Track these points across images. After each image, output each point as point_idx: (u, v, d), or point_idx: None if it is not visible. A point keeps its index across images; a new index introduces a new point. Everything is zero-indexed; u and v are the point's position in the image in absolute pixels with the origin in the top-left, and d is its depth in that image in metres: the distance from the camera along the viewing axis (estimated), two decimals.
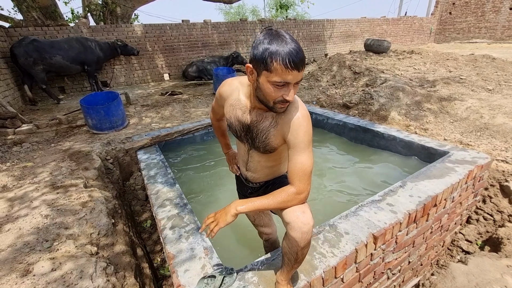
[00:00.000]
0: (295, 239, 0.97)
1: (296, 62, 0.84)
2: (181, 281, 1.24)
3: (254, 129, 1.11)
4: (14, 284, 1.47)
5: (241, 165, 1.36)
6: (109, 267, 1.71)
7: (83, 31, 6.38)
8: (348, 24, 11.83)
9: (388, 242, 1.58)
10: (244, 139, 1.20)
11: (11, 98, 4.78)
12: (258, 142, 1.12)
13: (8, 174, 2.75)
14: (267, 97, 0.94)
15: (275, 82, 0.88)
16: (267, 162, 1.23)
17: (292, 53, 0.83)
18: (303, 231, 0.95)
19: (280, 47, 0.84)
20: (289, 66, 0.84)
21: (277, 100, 0.93)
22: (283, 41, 0.85)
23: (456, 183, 1.94)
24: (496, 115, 3.25)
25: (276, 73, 0.86)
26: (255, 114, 1.08)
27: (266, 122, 1.07)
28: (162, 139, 3.00)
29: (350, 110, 4.23)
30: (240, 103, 1.12)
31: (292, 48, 0.84)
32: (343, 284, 1.41)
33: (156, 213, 1.79)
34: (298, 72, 0.86)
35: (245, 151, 1.26)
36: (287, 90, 0.90)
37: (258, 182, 1.34)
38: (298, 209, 0.98)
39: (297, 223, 0.95)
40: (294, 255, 1.02)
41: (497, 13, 13.69)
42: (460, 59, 5.90)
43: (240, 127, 1.16)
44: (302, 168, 0.98)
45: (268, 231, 1.67)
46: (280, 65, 0.84)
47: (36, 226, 1.94)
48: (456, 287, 1.45)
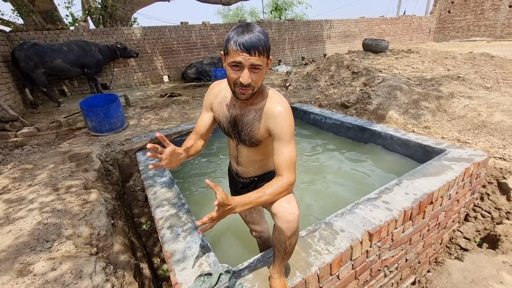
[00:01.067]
0: (281, 229, 1.01)
1: (245, 45, 0.93)
2: (178, 279, 1.26)
3: (239, 123, 1.17)
4: (15, 283, 1.49)
5: (232, 160, 1.41)
6: (108, 266, 1.73)
7: (83, 34, 6.43)
8: (346, 24, 11.85)
9: (384, 239, 1.59)
10: (232, 134, 1.25)
11: (12, 102, 4.82)
12: (244, 135, 1.18)
13: (9, 176, 2.77)
14: (229, 80, 1.03)
15: (230, 64, 0.98)
16: (255, 156, 1.27)
17: (245, 38, 0.93)
18: (289, 219, 0.98)
19: (237, 34, 0.95)
20: (238, 48, 0.93)
21: (235, 82, 1.00)
22: (244, 30, 0.95)
23: (452, 180, 1.95)
24: (494, 112, 3.25)
25: (230, 55, 0.97)
26: (239, 108, 1.16)
27: (250, 116, 1.13)
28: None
29: (348, 109, 4.25)
30: (226, 99, 1.20)
31: (248, 35, 0.94)
32: (339, 281, 1.42)
33: (154, 213, 1.81)
34: (249, 56, 0.94)
35: (234, 146, 1.31)
36: (242, 73, 0.97)
37: (248, 177, 1.38)
38: (284, 199, 1.02)
39: (283, 213, 0.99)
40: (282, 245, 1.06)
41: (497, 11, 13.69)
42: (459, 58, 5.91)
43: (228, 123, 1.21)
44: (289, 158, 1.04)
45: (259, 229, 1.68)
46: (231, 47, 0.95)
47: (37, 226, 1.96)
48: (451, 283, 1.45)
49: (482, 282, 1.42)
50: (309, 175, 2.89)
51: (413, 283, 1.85)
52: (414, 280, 1.86)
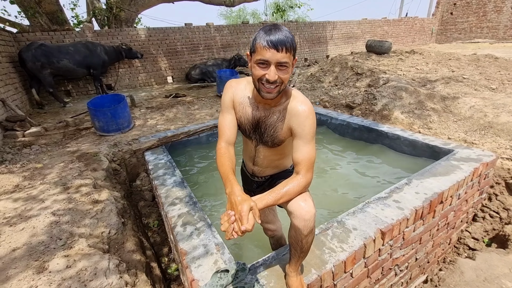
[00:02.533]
0: (298, 227, 1.02)
1: (273, 41, 0.94)
2: (195, 276, 1.28)
3: (262, 125, 1.17)
4: (31, 280, 1.51)
5: (248, 160, 1.41)
6: (122, 264, 1.75)
7: (89, 35, 6.48)
8: (349, 26, 11.88)
9: (396, 238, 1.60)
10: (253, 135, 1.25)
11: (19, 102, 4.86)
12: (267, 136, 1.18)
13: (19, 175, 2.80)
14: (254, 78, 1.03)
15: (257, 61, 0.99)
16: (273, 155, 1.29)
17: (273, 35, 0.95)
18: (305, 218, 1.00)
19: (265, 32, 0.97)
20: (266, 44, 0.94)
21: (261, 79, 1.01)
22: (272, 29, 0.97)
23: (462, 180, 1.96)
24: (500, 113, 3.26)
25: (257, 52, 0.98)
26: (263, 109, 1.15)
27: (273, 117, 1.14)
28: (169, 140, 3.05)
29: (353, 110, 4.26)
30: (247, 100, 1.18)
31: (276, 33, 0.95)
32: (352, 279, 1.44)
33: (166, 211, 1.82)
34: (276, 52, 0.95)
35: (252, 147, 1.31)
36: (268, 70, 0.98)
37: (264, 176, 1.40)
38: (300, 198, 1.04)
39: (299, 211, 1.01)
40: (299, 243, 1.07)
41: (499, 12, 13.69)
42: (463, 59, 5.92)
43: (250, 125, 1.21)
44: (308, 157, 1.05)
45: (273, 228, 1.70)
46: (259, 44, 0.97)
47: (49, 225, 1.98)
48: (464, 281, 1.46)
49: (495, 281, 1.43)
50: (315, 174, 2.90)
51: (425, 282, 1.86)
52: (426, 278, 1.87)
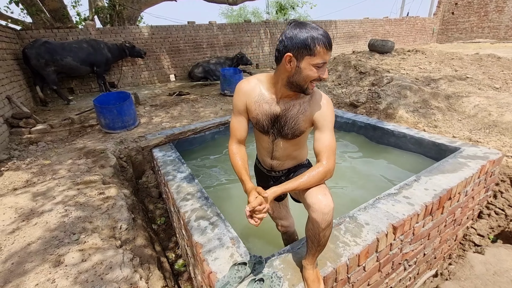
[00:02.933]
0: (316, 221, 1.04)
1: (330, 43, 1.00)
2: (212, 268, 1.30)
3: (282, 118, 1.19)
4: (48, 273, 1.54)
5: (265, 156, 1.41)
6: (135, 259, 1.77)
7: (92, 33, 6.48)
8: (350, 25, 11.90)
9: (406, 233, 1.63)
10: (271, 130, 1.26)
11: (23, 99, 4.87)
12: (287, 129, 1.21)
13: (28, 171, 2.82)
14: (306, 79, 1.04)
15: (317, 64, 1.00)
16: (291, 147, 1.31)
17: (328, 37, 0.99)
18: (324, 212, 1.02)
19: (317, 33, 0.97)
20: (328, 47, 0.99)
21: (313, 79, 1.04)
22: (316, 28, 0.99)
23: (470, 177, 1.99)
24: (505, 112, 3.29)
25: (319, 55, 0.99)
26: (283, 104, 1.18)
27: (294, 110, 1.17)
28: (176, 137, 3.07)
29: (357, 109, 4.28)
30: (264, 97, 1.19)
31: (325, 33, 0.99)
32: (365, 273, 1.47)
33: (179, 206, 1.85)
34: (330, 52, 1.01)
35: (270, 142, 1.32)
36: (323, 70, 1.03)
37: (282, 170, 1.41)
38: (319, 191, 1.06)
39: (318, 205, 1.03)
40: (317, 237, 1.09)
41: (501, 12, 13.71)
42: (465, 59, 5.94)
43: (268, 120, 1.22)
44: (330, 145, 1.09)
45: (286, 224, 1.73)
46: (322, 48, 0.98)
47: (62, 220, 2.01)
48: (475, 275, 1.50)
49: (505, 274, 1.46)
50: None
51: (435, 275, 1.89)
52: (436, 272, 1.90)
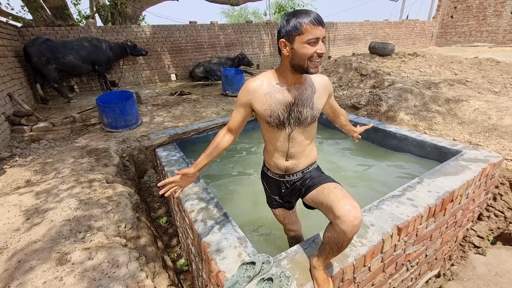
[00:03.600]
0: (344, 232, 1.02)
1: (318, 19, 1.07)
2: (221, 268, 1.32)
3: (299, 103, 1.24)
4: (56, 271, 1.54)
5: (280, 158, 1.37)
6: (141, 257, 1.79)
7: (93, 31, 6.47)
8: (351, 27, 11.96)
9: (410, 234, 1.65)
10: (287, 121, 1.26)
11: (24, 97, 4.85)
12: (306, 112, 1.25)
13: (31, 169, 2.82)
14: (303, 57, 1.11)
15: (308, 40, 1.07)
16: (306, 139, 1.35)
17: (314, 14, 1.08)
18: (354, 224, 1.01)
19: (304, 15, 1.08)
20: (315, 22, 1.06)
21: (312, 56, 1.10)
22: (305, 11, 1.09)
23: (471, 180, 2.02)
24: (504, 116, 3.34)
25: (307, 32, 1.06)
26: (295, 90, 1.24)
27: (308, 92, 1.26)
28: (180, 137, 3.08)
29: (359, 110, 4.32)
30: (275, 88, 1.23)
31: (312, 13, 1.08)
32: (370, 273, 1.49)
33: (185, 206, 1.86)
34: (322, 28, 1.08)
35: (285, 138, 1.30)
36: (318, 45, 1.09)
37: (296, 173, 1.39)
38: (349, 202, 1.04)
39: (348, 217, 1.01)
40: (339, 244, 1.08)
41: (499, 17, 13.85)
42: (465, 62, 6.00)
43: (283, 109, 1.23)
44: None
45: (295, 228, 1.73)
46: (309, 25, 1.06)
47: (67, 218, 2.01)
48: (477, 275, 1.53)
49: (506, 275, 1.50)
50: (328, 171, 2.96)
51: (438, 276, 1.92)
52: (438, 273, 1.93)
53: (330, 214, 1.09)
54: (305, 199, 1.36)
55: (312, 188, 1.29)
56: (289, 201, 1.56)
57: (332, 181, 1.28)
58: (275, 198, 1.56)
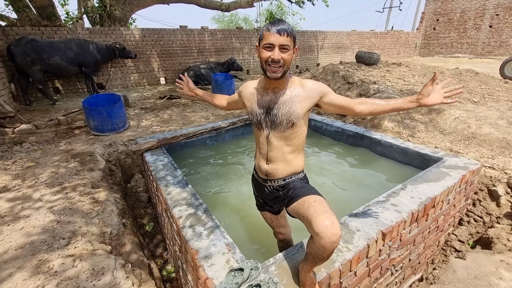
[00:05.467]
0: (323, 247, 1.02)
1: (276, 28, 1.15)
2: (209, 274, 1.31)
3: (274, 106, 1.30)
4: (37, 280, 1.50)
5: (261, 160, 1.42)
6: (127, 264, 1.75)
7: (81, 33, 6.36)
8: (339, 36, 12.28)
9: (394, 239, 1.70)
10: (264, 122, 1.34)
11: (6, 98, 4.69)
12: (282, 115, 1.28)
13: (12, 173, 2.72)
14: (262, 61, 1.22)
15: (264, 45, 1.19)
16: (286, 146, 1.35)
17: (275, 24, 1.17)
18: (333, 240, 1.01)
19: (270, 23, 1.18)
20: (270, 30, 1.16)
21: (268, 61, 1.19)
22: (275, 21, 1.18)
23: (452, 186, 2.10)
24: (482, 125, 3.50)
25: (264, 38, 1.19)
26: (272, 93, 1.32)
27: (285, 97, 1.30)
28: (168, 141, 3.05)
29: (345, 118, 4.42)
30: (259, 90, 1.38)
31: (278, 23, 1.17)
32: (356, 278, 1.52)
33: (173, 212, 1.85)
34: (279, 36, 1.15)
35: (264, 139, 1.37)
36: (274, 52, 1.17)
37: (278, 179, 1.40)
38: (326, 218, 1.04)
39: (326, 233, 1.00)
40: (320, 256, 1.09)
41: (478, 30, 14.59)
42: (446, 73, 6.27)
43: (260, 109, 1.34)
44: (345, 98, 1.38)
45: (283, 231, 1.76)
46: (266, 32, 1.18)
47: (50, 224, 1.95)
48: (457, 279, 1.59)
49: (484, 278, 1.56)
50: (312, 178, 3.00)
51: (421, 280, 1.97)
52: (421, 277, 1.99)
53: (310, 229, 1.09)
54: (288, 210, 1.36)
55: (294, 200, 1.28)
56: (273, 207, 1.60)
57: (314, 193, 1.24)
58: (261, 201, 1.61)
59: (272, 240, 1.85)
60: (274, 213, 1.65)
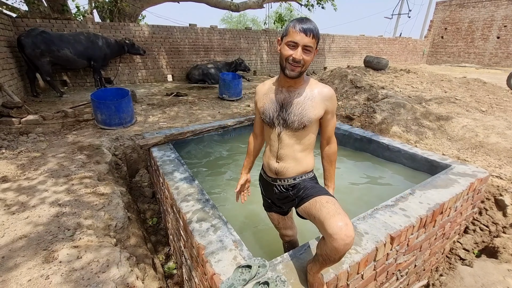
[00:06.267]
0: (336, 249, 1.00)
1: (304, 27, 1.12)
2: (216, 270, 1.31)
3: (288, 105, 1.29)
4: (42, 269, 1.49)
5: (271, 158, 1.40)
6: (132, 258, 1.75)
7: (91, 27, 6.40)
8: (347, 40, 12.26)
9: (402, 243, 1.69)
10: (276, 120, 1.32)
11: (14, 88, 4.73)
12: (294, 115, 1.27)
13: (18, 163, 2.73)
14: (282, 57, 1.20)
15: (288, 42, 1.16)
16: (297, 145, 1.34)
17: (302, 22, 1.14)
18: (346, 242, 0.99)
19: (297, 21, 1.16)
20: (297, 29, 1.13)
21: (288, 59, 1.17)
22: (303, 19, 1.15)
23: (460, 193, 2.08)
24: (490, 134, 3.47)
25: (289, 35, 1.16)
26: (287, 92, 1.30)
27: (300, 97, 1.28)
28: (175, 137, 3.06)
29: (353, 121, 4.40)
30: (272, 88, 1.37)
31: (306, 22, 1.14)
32: (362, 281, 1.50)
33: (180, 207, 1.84)
34: (305, 35, 1.12)
35: (275, 137, 1.35)
36: (296, 51, 1.15)
37: (288, 178, 1.38)
38: (340, 219, 1.02)
39: (340, 235, 0.98)
40: (331, 258, 1.07)
41: (486, 40, 14.52)
42: (454, 81, 6.23)
43: (274, 107, 1.32)
44: (334, 126, 1.38)
45: (290, 233, 1.73)
46: (291, 29, 1.15)
47: (55, 214, 1.96)
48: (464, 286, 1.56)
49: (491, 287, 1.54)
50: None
51: (427, 286, 1.95)
52: (427, 283, 1.96)
53: (322, 230, 1.07)
54: (298, 210, 1.34)
55: (305, 200, 1.27)
56: (281, 207, 1.56)
57: (325, 194, 1.23)
58: (269, 201, 1.58)
59: (278, 240, 1.84)
60: (282, 214, 1.63)
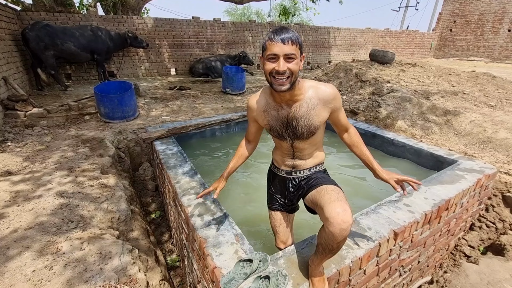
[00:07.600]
0: (332, 234, 1.01)
1: (279, 37, 1.05)
2: (217, 264, 1.30)
3: (293, 120, 1.24)
4: (46, 260, 1.51)
5: (286, 158, 1.42)
6: (134, 250, 1.75)
7: (94, 20, 6.37)
8: (353, 33, 12.06)
9: (405, 239, 1.66)
10: (286, 134, 1.30)
11: (19, 81, 4.75)
12: (301, 128, 1.24)
13: (23, 155, 2.75)
14: (266, 73, 1.12)
15: (267, 57, 1.09)
16: (311, 145, 1.36)
17: (277, 32, 1.07)
18: (342, 228, 0.99)
19: (273, 32, 1.08)
20: (273, 39, 1.06)
21: (272, 73, 1.10)
22: (278, 29, 1.08)
23: (466, 189, 2.04)
24: (499, 130, 3.39)
25: (267, 49, 1.09)
26: (288, 107, 1.24)
27: (302, 109, 1.22)
28: (178, 131, 3.05)
29: (357, 116, 4.35)
30: (270, 105, 1.28)
31: (281, 31, 1.07)
32: (365, 276, 1.49)
33: (182, 201, 1.84)
34: (283, 45, 1.05)
35: (288, 146, 1.36)
36: (278, 62, 1.08)
37: (304, 170, 1.41)
38: (339, 205, 1.04)
39: (336, 219, 1.00)
40: (329, 246, 1.07)
41: (496, 33, 14.14)
42: (462, 75, 6.10)
43: (280, 125, 1.28)
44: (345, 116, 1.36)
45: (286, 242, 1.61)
46: (268, 42, 1.08)
47: (59, 206, 1.97)
48: (470, 283, 1.54)
49: (498, 284, 1.52)
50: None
51: (431, 282, 1.93)
52: (431, 279, 1.94)
53: (322, 215, 1.09)
54: (305, 199, 1.36)
55: (313, 188, 1.30)
56: (292, 201, 1.52)
57: (332, 184, 1.26)
58: (277, 197, 1.54)
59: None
60: (288, 212, 1.58)
